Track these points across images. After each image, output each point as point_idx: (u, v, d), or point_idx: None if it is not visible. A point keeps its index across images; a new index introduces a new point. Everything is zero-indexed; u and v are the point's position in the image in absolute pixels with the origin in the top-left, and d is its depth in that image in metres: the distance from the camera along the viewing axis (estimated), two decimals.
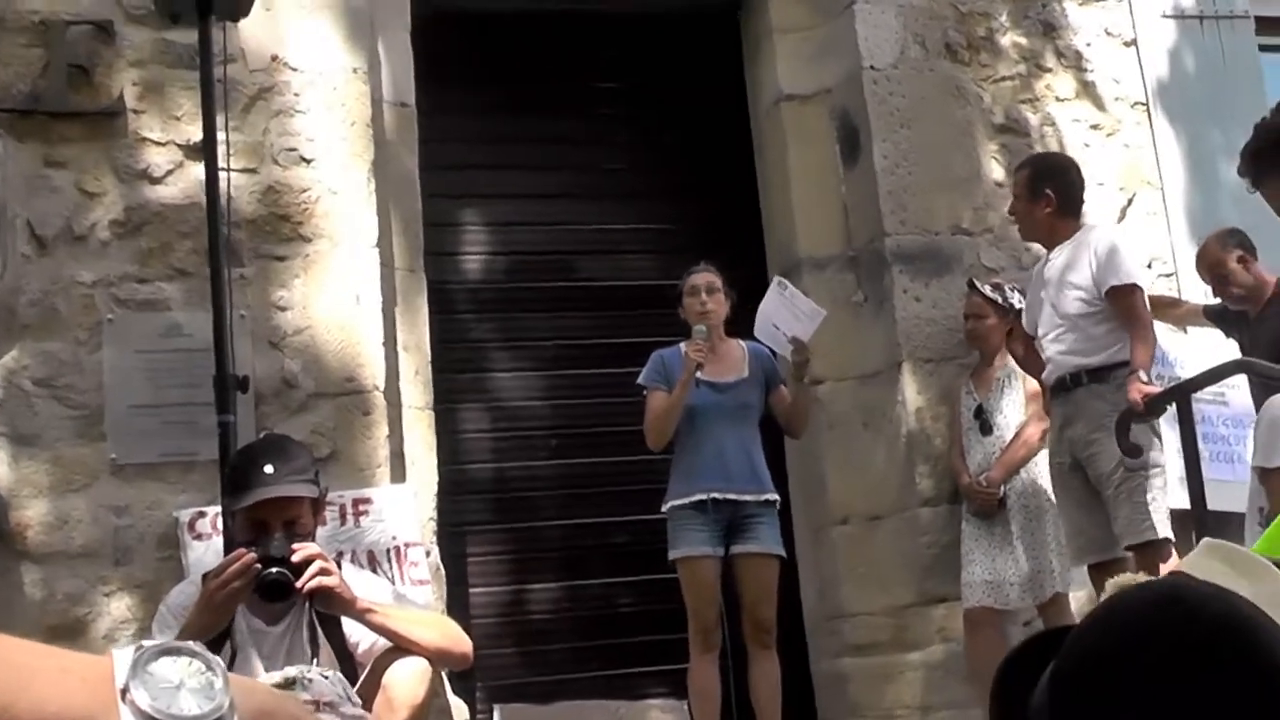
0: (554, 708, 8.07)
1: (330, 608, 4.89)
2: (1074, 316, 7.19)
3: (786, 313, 7.74)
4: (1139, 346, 6.97)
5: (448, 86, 8.65)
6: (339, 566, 5.06)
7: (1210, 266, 7.91)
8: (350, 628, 5.02)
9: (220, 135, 6.48)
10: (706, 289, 7.77)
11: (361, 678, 4.95)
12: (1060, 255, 7.35)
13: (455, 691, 7.52)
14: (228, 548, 5.09)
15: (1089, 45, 9.33)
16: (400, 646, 4.93)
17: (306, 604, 4.95)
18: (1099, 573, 7.08)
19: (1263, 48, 9.87)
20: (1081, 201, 7.52)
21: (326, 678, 4.47)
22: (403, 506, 7.24)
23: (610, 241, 9.16)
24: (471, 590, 8.48)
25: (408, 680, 4.90)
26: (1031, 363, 7.70)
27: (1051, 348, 7.29)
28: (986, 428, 8.06)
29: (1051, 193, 7.34)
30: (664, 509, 7.61)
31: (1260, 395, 7.22)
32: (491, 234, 9.04)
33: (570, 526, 8.77)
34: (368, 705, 4.84)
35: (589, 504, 8.74)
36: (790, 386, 7.80)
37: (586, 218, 9.14)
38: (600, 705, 8.11)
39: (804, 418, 7.96)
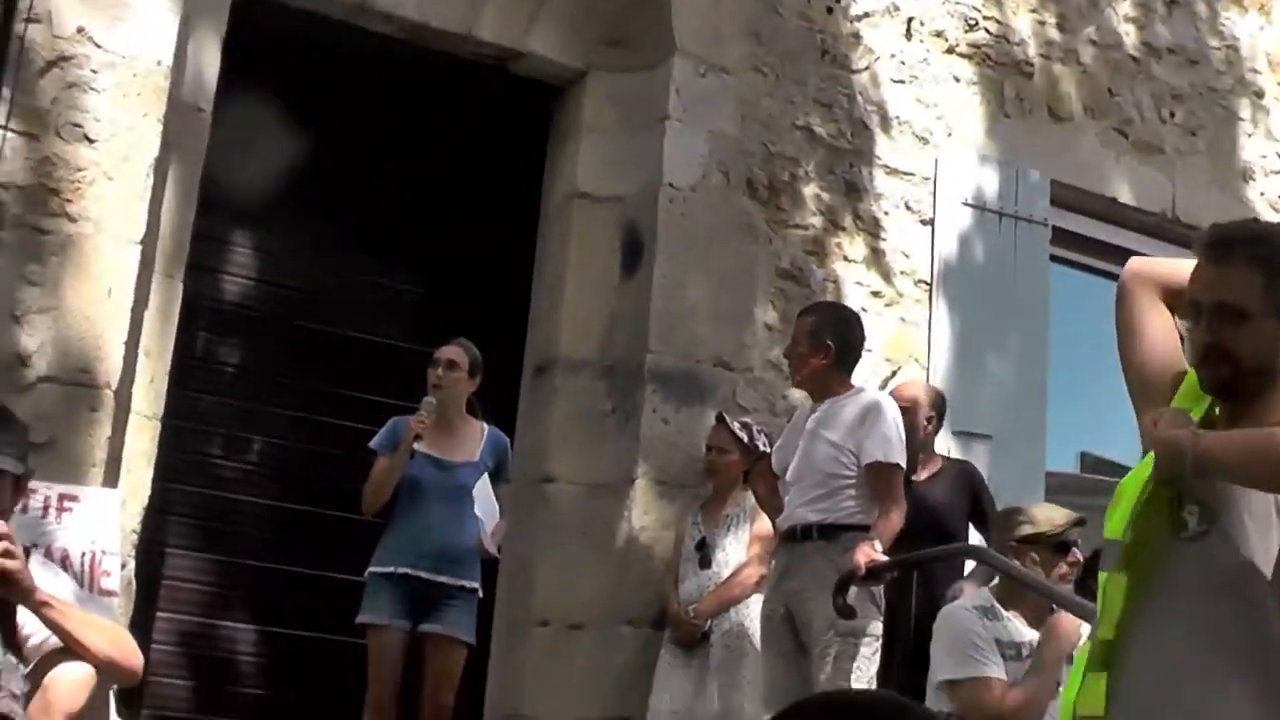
0: None
1: (8, 593, 4.68)
2: (824, 474, 7.16)
3: (486, 498, 7.70)
4: (885, 519, 6.97)
5: (249, 102, 8.48)
6: (27, 555, 4.86)
7: (912, 412, 8.03)
8: (24, 619, 4.81)
9: (5, 92, 6.31)
10: (446, 364, 7.77)
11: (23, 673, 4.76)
12: (829, 409, 7.32)
13: (119, 713, 7.26)
14: None
15: (887, 214, 9.45)
16: (70, 648, 4.73)
17: None
18: None
19: (1053, 257, 10.06)
20: (857, 360, 7.55)
21: None
22: (108, 512, 6.99)
23: (377, 294, 9.01)
24: (159, 614, 8.21)
25: (69, 685, 4.71)
26: (771, 504, 7.70)
27: (794, 496, 7.27)
28: (705, 561, 8.04)
29: (832, 344, 7.34)
30: (365, 574, 7.49)
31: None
32: (260, 260, 8.83)
33: (275, 570, 8.53)
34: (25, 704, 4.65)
35: (300, 552, 8.51)
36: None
37: (359, 265, 8.98)
38: None
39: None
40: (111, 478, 7.21)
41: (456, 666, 7.54)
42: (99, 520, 6.90)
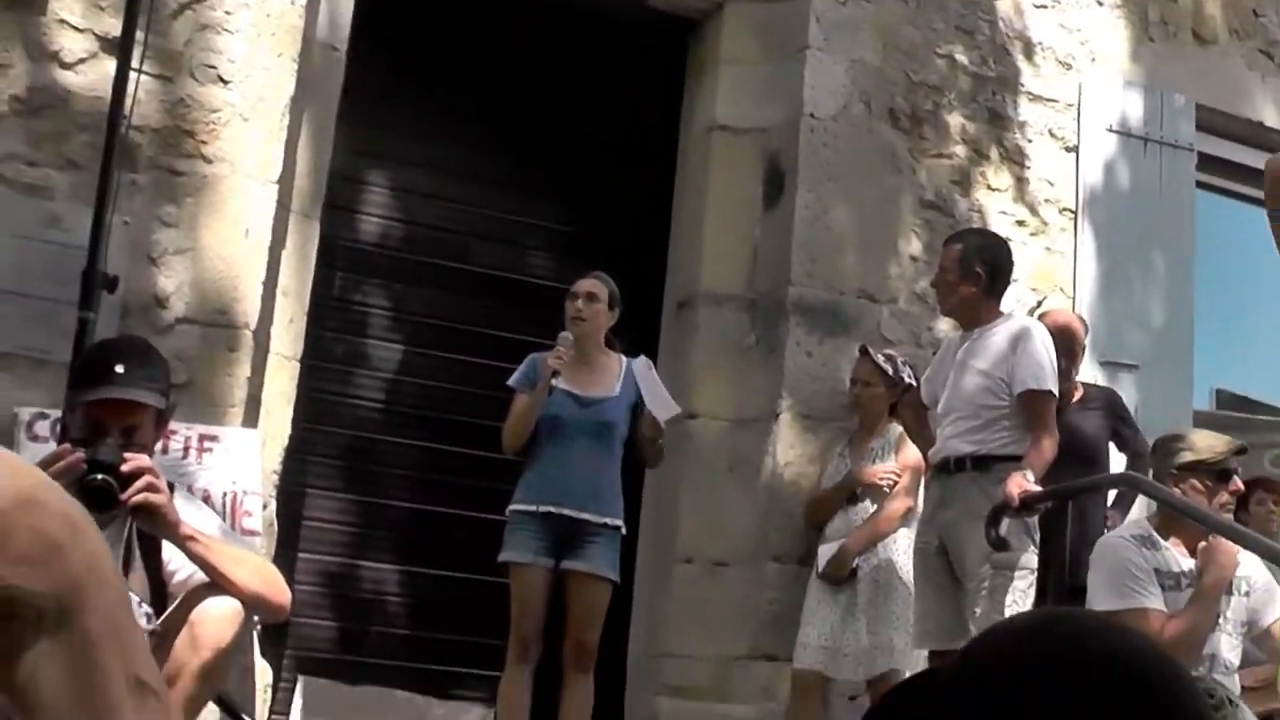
0: (358, 690, 7.90)
1: (153, 527, 4.62)
2: (976, 404, 7.02)
3: (650, 389, 7.57)
4: (1036, 448, 6.82)
5: (383, 42, 8.46)
6: (172, 492, 4.81)
7: (1068, 339, 7.86)
8: (169, 554, 4.77)
9: (139, 35, 6.27)
10: (586, 296, 7.58)
11: (169, 610, 4.71)
12: (978, 338, 7.17)
13: (264, 653, 7.27)
14: (60, 443, 4.84)
15: (1030, 142, 9.28)
16: (216, 583, 4.69)
17: (129, 520, 4.69)
18: (939, 660, 6.95)
19: (1200, 183, 9.84)
20: (1006, 287, 7.38)
21: None
22: (249, 452, 6.99)
23: (515, 232, 8.96)
24: (300, 555, 8.23)
25: (217, 620, 4.65)
26: (920, 435, 7.55)
27: (946, 428, 7.12)
28: (853, 496, 7.93)
29: (981, 272, 7.17)
30: (506, 512, 7.43)
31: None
32: (396, 200, 8.80)
33: (414, 510, 8.54)
34: (171, 640, 4.61)
35: (440, 491, 8.51)
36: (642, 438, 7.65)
37: (495, 203, 8.93)
38: (406, 698, 7.95)
39: (658, 456, 7.80)
40: (251, 418, 7.21)
41: (601, 604, 7.45)
42: (239, 460, 6.90)
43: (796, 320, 8.39)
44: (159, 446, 5.57)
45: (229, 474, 6.84)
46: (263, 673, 7.25)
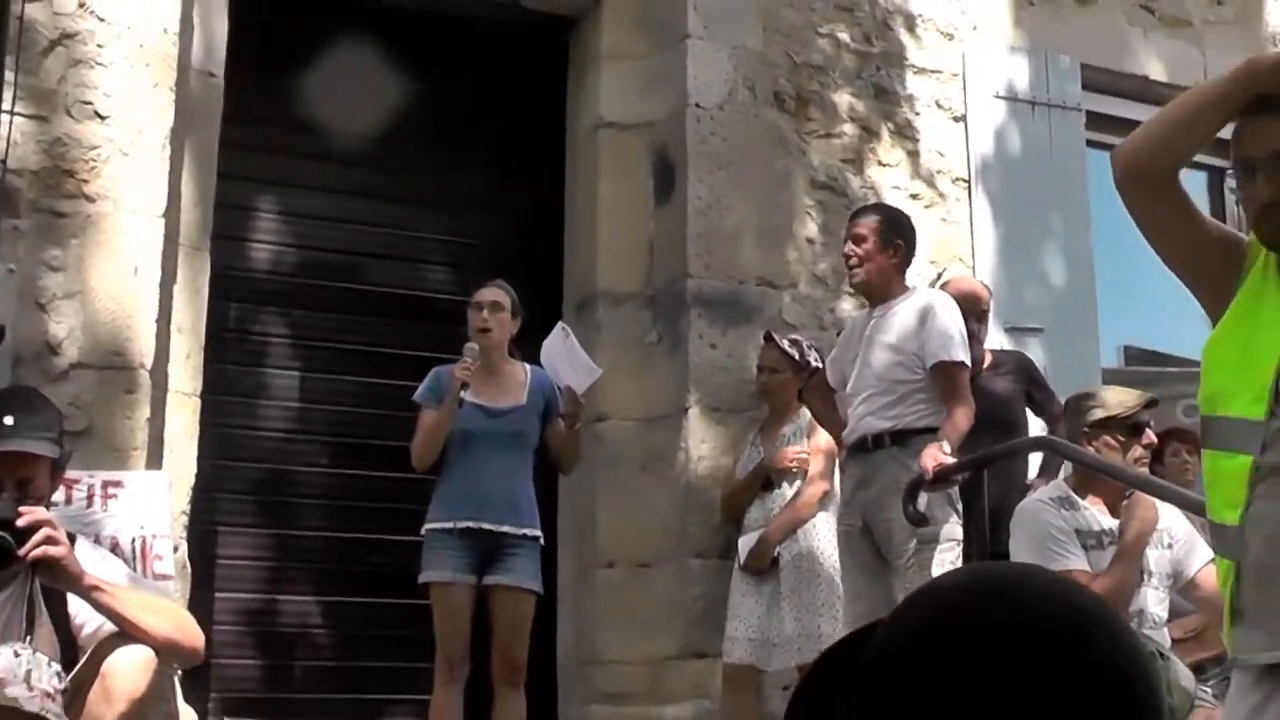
0: None
1: (55, 581, 4.53)
2: (889, 380, 7.00)
3: (564, 360, 7.54)
4: (951, 419, 6.81)
5: (261, 64, 8.34)
6: (73, 542, 4.71)
7: (973, 303, 7.84)
8: (76, 607, 4.67)
9: (9, 76, 6.16)
10: (490, 306, 7.49)
11: (79, 664, 4.61)
12: (885, 315, 7.14)
13: (187, 698, 7.15)
14: None
15: (919, 115, 9.28)
16: (126, 632, 4.59)
17: (30, 575, 4.58)
18: None
19: (1090, 143, 9.85)
20: (912, 261, 7.37)
21: (19, 655, 4.13)
22: (155, 494, 6.85)
23: (406, 248, 8.87)
24: (217, 594, 8.12)
25: (129, 670, 4.56)
26: (829, 419, 7.52)
27: (859, 407, 7.10)
28: (768, 484, 7.88)
29: (902, 244, 7.18)
30: (422, 531, 7.34)
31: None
32: (285, 224, 8.69)
33: (330, 538, 8.46)
34: (85, 694, 4.50)
35: (354, 517, 8.43)
36: (561, 431, 7.59)
37: (385, 220, 8.84)
38: None
39: (572, 459, 7.78)
40: (155, 460, 7.10)
41: (527, 616, 7.38)
42: (146, 504, 6.77)
43: (698, 313, 8.34)
44: (60, 497, 5.47)
45: (136, 519, 6.70)
46: (188, 718, 7.13)
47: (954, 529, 6.79)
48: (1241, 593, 3.58)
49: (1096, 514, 6.11)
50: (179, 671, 6.86)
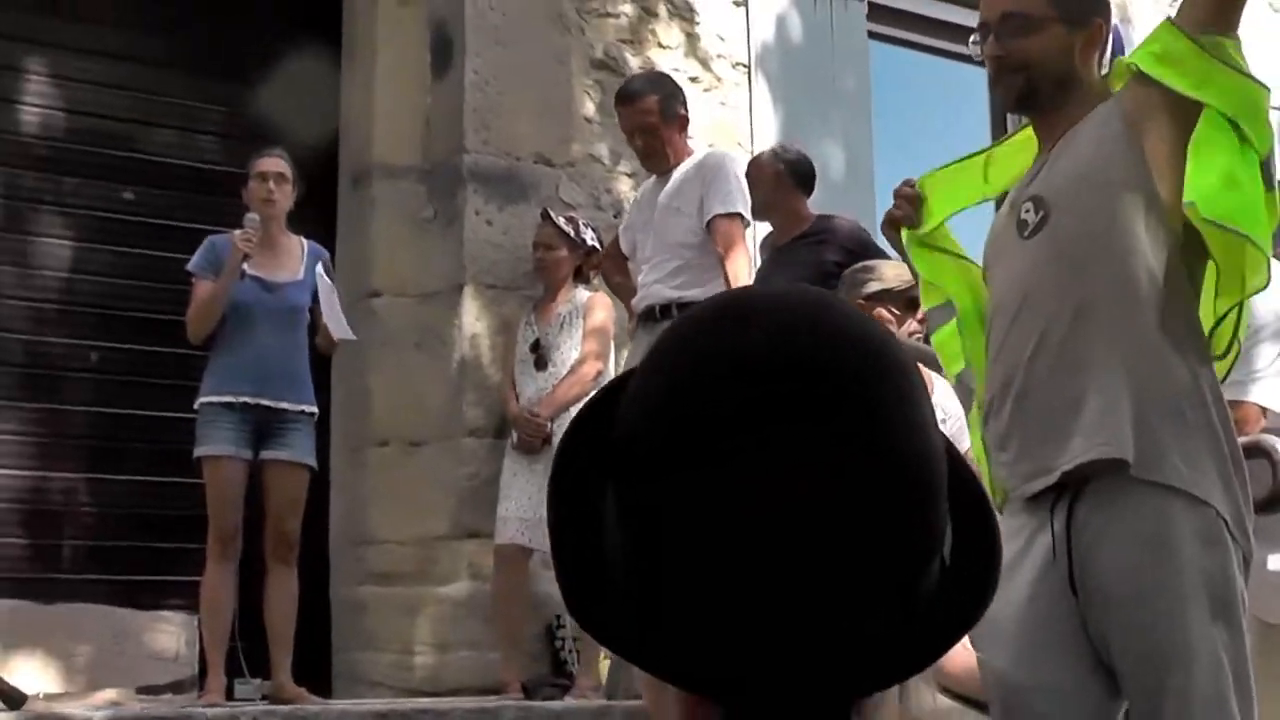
0: (53, 609, 7.62)
1: None
2: (676, 245, 7.00)
3: (329, 303, 7.42)
4: (732, 273, 6.82)
5: None
6: None
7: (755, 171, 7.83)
8: None
9: None
10: (276, 177, 7.37)
11: None
12: (672, 179, 7.13)
13: None
14: None
15: None
16: None
17: None
18: None
19: (872, 34, 9.89)
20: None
21: None
22: None
23: (176, 115, 8.62)
24: None
25: None
26: (622, 287, 7.51)
27: (648, 274, 7.08)
28: (541, 362, 7.85)
29: (684, 112, 7.17)
30: (196, 405, 7.20)
31: None
32: (50, 86, 8.40)
33: (101, 415, 8.23)
34: None
35: (125, 393, 8.21)
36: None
37: (154, 86, 8.57)
38: (103, 612, 7.70)
39: (330, 349, 7.70)
40: None
41: (302, 492, 7.31)
42: None
43: (474, 189, 8.24)
44: None
45: None
46: None
47: None
48: (999, 426, 3.70)
49: None
50: None
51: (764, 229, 8.11)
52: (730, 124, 9.16)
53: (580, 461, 1.31)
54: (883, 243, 5.56)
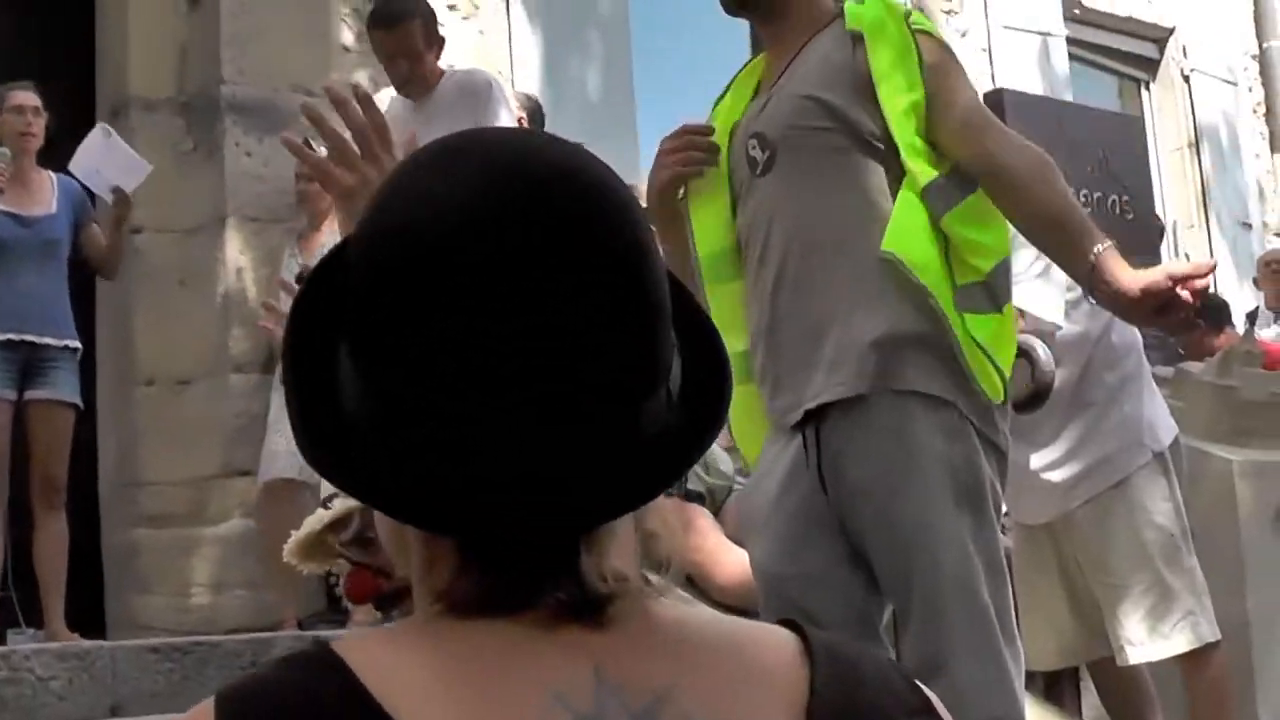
0: None
1: None
2: None
3: (109, 160, 7.31)
4: None
5: None
6: None
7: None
8: None
9: None
10: (32, 110, 7.26)
11: None
12: (433, 102, 7.05)
13: None
14: None
15: None
16: None
17: None
18: None
19: None
20: None
21: None
22: None
23: None
24: None
25: None
26: None
27: None
28: None
29: (441, 35, 7.13)
30: None
31: None
32: None
33: None
34: None
35: None
36: (106, 231, 7.39)
37: None
38: None
39: (116, 263, 7.60)
40: None
41: (67, 433, 7.20)
42: None
43: (232, 120, 8.13)
44: None
45: None
46: None
47: None
48: (756, 363, 3.74)
49: None
50: None
51: None
52: (490, 51, 9.11)
53: (311, 319, 1.33)
54: None
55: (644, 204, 1.29)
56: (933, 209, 3.55)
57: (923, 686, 1.32)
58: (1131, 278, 3.44)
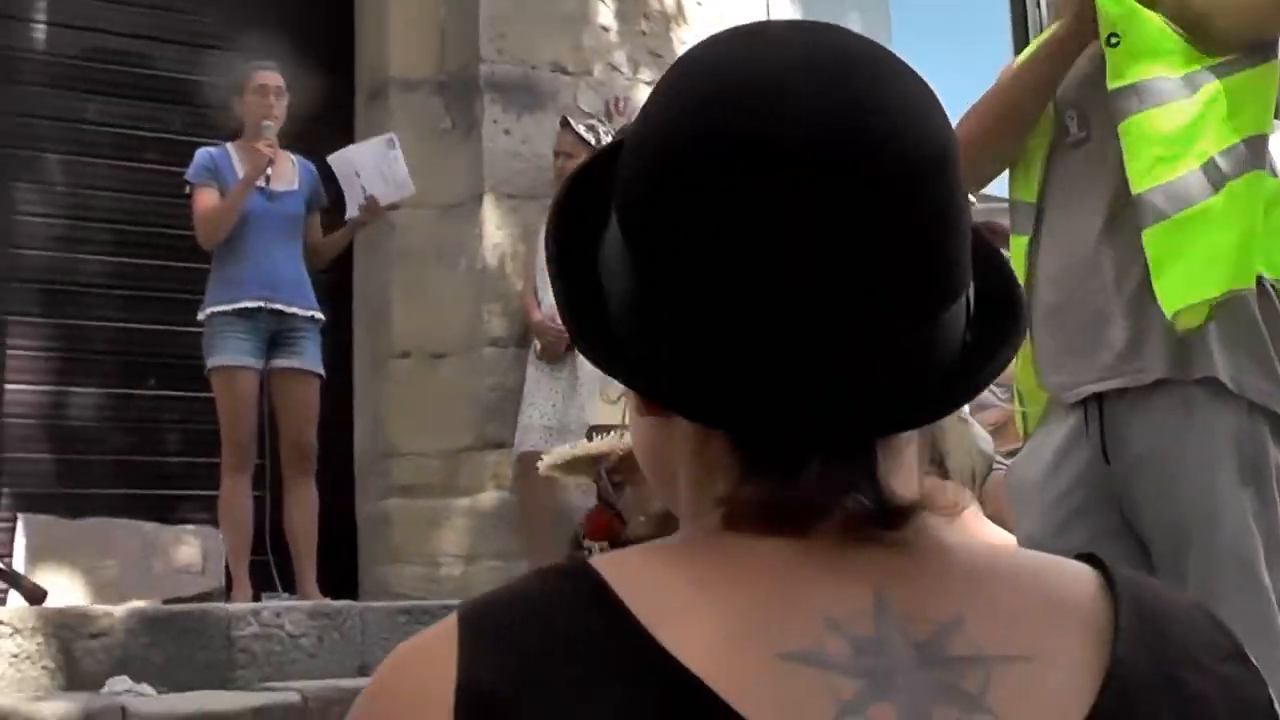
0: (81, 524, 7.63)
1: None
2: None
3: (376, 169, 7.48)
4: None
5: None
6: None
7: None
8: None
9: None
10: (276, 91, 7.46)
11: None
12: None
13: None
14: None
15: None
16: None
17: None
18: None
19: None
20: None
21: None
22: None
23: (192, 33, 8.54)
24: (6, 386, 7.94)
25: None
26: None
27: None
28: None
29: None
30: (201, 316, 7.23)
31: None
32: (63, 3, 8.37)
33: (119, 329, 8.19)
34: None
35: (142, 307, 8.18)
36: (340, 230, 7.70)
37: (170, 3, 8.52)
38: (131, 526, 7.71)
39: (328, 258, 7.80)
40: None
41: (316, 400, 7.36)
42: None
43: (491, 98, 8.22)
44: None
45: None
46: None
47: None
48: (1038, 340, 3.66)
49: None
50: None
51: None
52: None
53: (580, 199, 1.29)
54: None
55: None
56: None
57: (1231, 631, 1.24)
58: None
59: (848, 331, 1.13)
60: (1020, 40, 9.95)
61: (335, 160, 7.56)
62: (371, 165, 7.51)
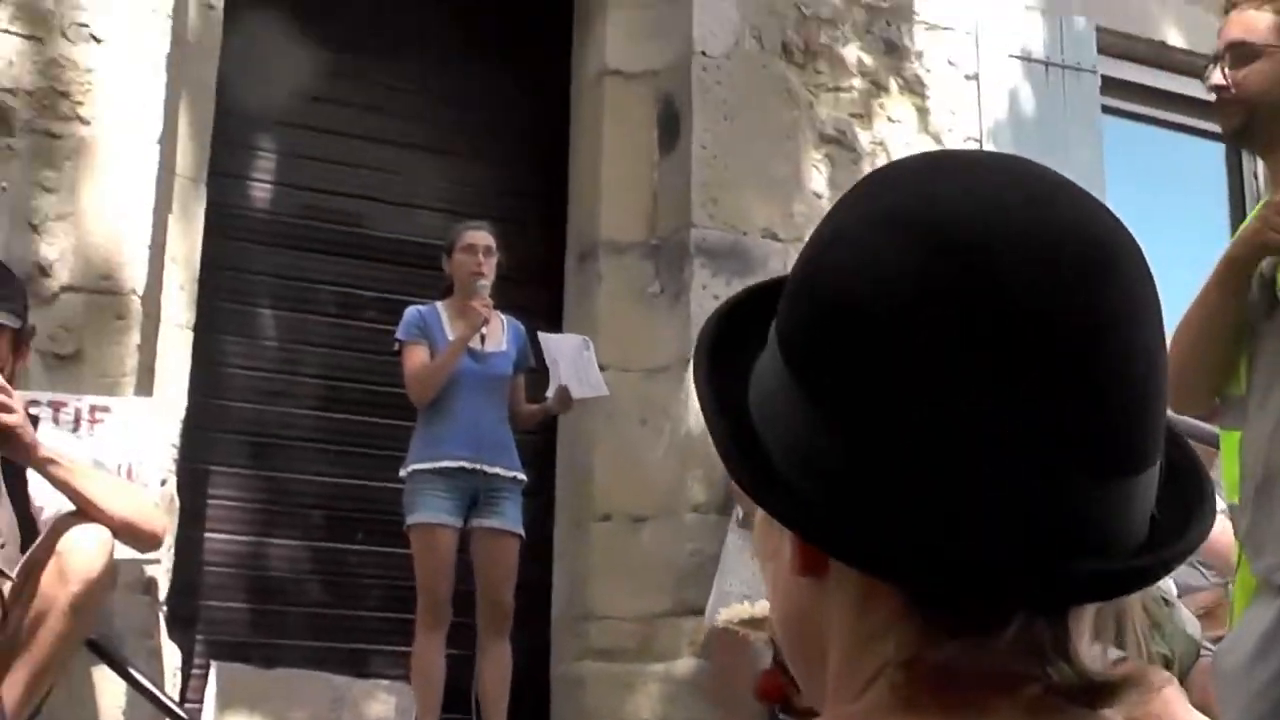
0: (273, 674, 7.68)
1: (7, 450, 4.41)
2: None
3: (573, 364, 7.51)
4: None
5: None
6: (35, 424, 4.60)
7: None
8: (37, 487, 4.56)
9: None
10: (485, 250, 7.46)
11: (36, 543, 4.50)
12: None
13: (172, 637, 7.05)
14: None
15: (929, 72, 9.13)
16: (83, 510, 4.46)
17: None
18: None
19: (1105, 108, 9.72)
20: None
21: None
22: (143, 421, 6.71)
23: (408, 194, 8.70)
24: (207, 535, 8.02)
25: (86, 550, 4.42)
26: None
27: None
28: None
29: None
30: (403, 473, 7.25)
31: None
32: (284, 163, 8.56)
33: (323, 483, 8.29)
34: (39, 575, 4.39)
35: (345, 461, 8.29)
36: (537, 407, 7.71)
37: (387, 164, 8.70)
38: (323, 679, 7.73)
39: (523, 425, 7.76)
40: (145, 389, 6.97)
41: (515, 561, 7.32)
42: (133, 430, 6.62)
43: (700, 263, 8.22)
44: (48, 417, 5.38)
45: (122, 445, 6.57)
46: (171, 654, 7.03)
47: None
48: (1246, 520, 3.55)
49: None
50: (165, 608, 6.81)
51: None
52: None
53: (729, 338, 1.26)
54: None
55: None
56: None
57: None
58: None
59: (1060, 485, 1.06)
60: (1235, 187, 9.84)
61: (543, 341, 7.60)
62: (569, 359, 7.54)
